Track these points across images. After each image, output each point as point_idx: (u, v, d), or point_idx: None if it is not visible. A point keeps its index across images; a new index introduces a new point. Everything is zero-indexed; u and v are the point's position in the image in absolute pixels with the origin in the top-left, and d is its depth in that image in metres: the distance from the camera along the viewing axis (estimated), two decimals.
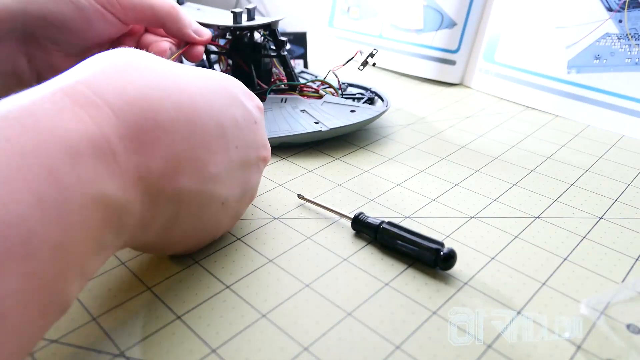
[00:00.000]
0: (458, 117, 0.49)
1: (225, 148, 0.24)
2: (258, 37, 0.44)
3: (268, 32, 0.43)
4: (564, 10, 0.49)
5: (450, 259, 0.26)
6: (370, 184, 0.36)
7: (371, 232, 0.29)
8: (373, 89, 0.47)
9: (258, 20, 0.43)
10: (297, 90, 0.44)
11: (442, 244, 0.27)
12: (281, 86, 0.45)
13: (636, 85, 0.45)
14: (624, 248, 0.30)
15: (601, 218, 0.33)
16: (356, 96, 0.46)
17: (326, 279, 0.27)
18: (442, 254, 0.26)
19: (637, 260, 0.29)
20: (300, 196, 0.33)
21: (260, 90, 0.44)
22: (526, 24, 0.52)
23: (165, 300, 0.25)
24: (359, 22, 0.66)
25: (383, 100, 0.45)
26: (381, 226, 0.29)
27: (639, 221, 0.32)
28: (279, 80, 0.45)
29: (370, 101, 0.46)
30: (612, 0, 0.46)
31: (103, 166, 0.19)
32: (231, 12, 0.41)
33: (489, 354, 0.22)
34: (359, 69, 0.45)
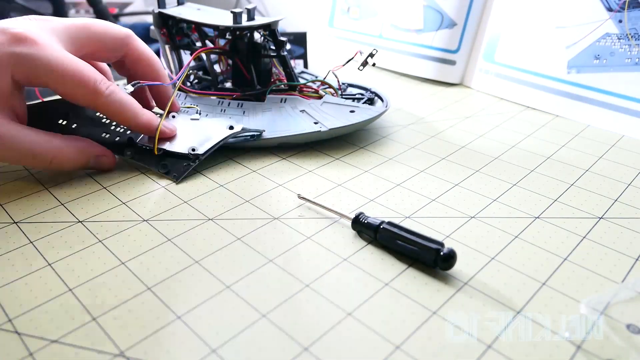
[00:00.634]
0: (458, 117, 0.49)
1: None
2: (258, 37, 0.44)
3: (268, 32, 0.43)
4: (564, 10, 0.49)
5: (450, 259, 0.26)
6: (370, 184, 0.36)
7: (371, 232, 0.29)
8: (373, 89, 0.47)
9: (258, 21, 0.42)
10: (296, 90, 0.44)
11: (442, 244, 0.27)
12: (281, 86, 0.45)
13: (636, 85, 0.45)
14: (624, 248, 0.30)
15: (601, 218, 0.33)
16: (356, 96, 0.46)
17: (326, 279, 0.27)
18: (442, 254, 0.26)
19: (637, 260, 0.29)
20: (301, 197, 0.33)
21: (260, 90, 0.44)
22: (526, 24, 0.52)
23: (165, 300, 0.25)
24: (359, 22, 0.66)
25: (383, 100, 0.45)
26: (381, 226, 0.29)
27: (639, 221, 0.32)
28: (278, 80, 0.45)
29: (370, 101, 0.46)
30: (612, 0, 0.46)
31: None
32: (231, 12, 0.41)
33: (488, 354, 0.22)
34: (358, 69, 0.45)
